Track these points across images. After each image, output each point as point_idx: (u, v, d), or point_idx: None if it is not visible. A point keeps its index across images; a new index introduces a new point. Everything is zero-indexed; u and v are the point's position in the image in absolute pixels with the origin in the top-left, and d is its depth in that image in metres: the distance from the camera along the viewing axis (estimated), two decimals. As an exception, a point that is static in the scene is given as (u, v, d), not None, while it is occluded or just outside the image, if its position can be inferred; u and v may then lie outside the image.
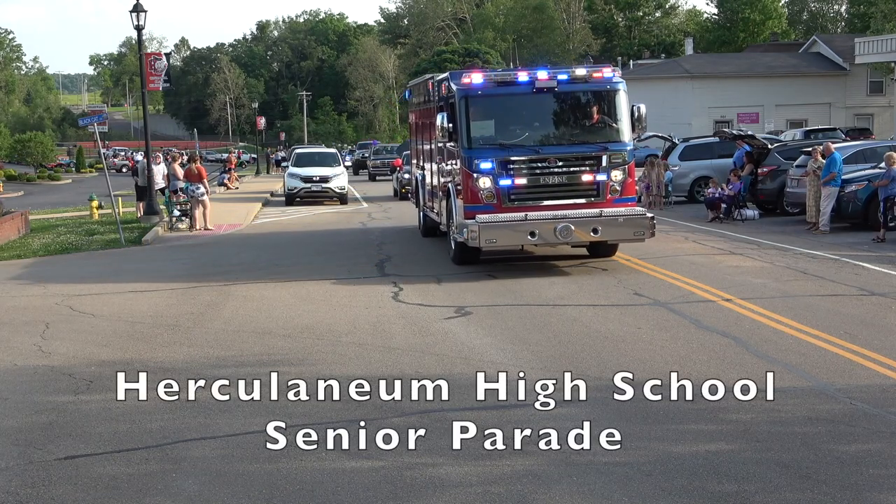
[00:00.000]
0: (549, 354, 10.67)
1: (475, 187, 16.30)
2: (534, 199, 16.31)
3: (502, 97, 16.61)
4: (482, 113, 16.66)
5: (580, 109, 16.98)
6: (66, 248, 23.92)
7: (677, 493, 6.57)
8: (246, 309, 14.29)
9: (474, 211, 16.32)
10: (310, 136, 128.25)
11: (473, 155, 16.33)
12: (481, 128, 16.63)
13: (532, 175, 16.32)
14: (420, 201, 23.00)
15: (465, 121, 16.45)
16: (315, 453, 7.63)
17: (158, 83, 31.82)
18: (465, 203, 16.53)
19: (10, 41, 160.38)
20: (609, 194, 16.43)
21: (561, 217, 16.10)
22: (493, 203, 16.27)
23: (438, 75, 19.64)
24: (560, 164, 16.31)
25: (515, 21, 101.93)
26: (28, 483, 7.16)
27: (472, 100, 16.55)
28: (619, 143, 16.69)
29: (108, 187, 27.85)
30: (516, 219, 16.08)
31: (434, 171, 20.00)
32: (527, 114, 16.73)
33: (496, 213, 16.14)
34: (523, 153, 16.36)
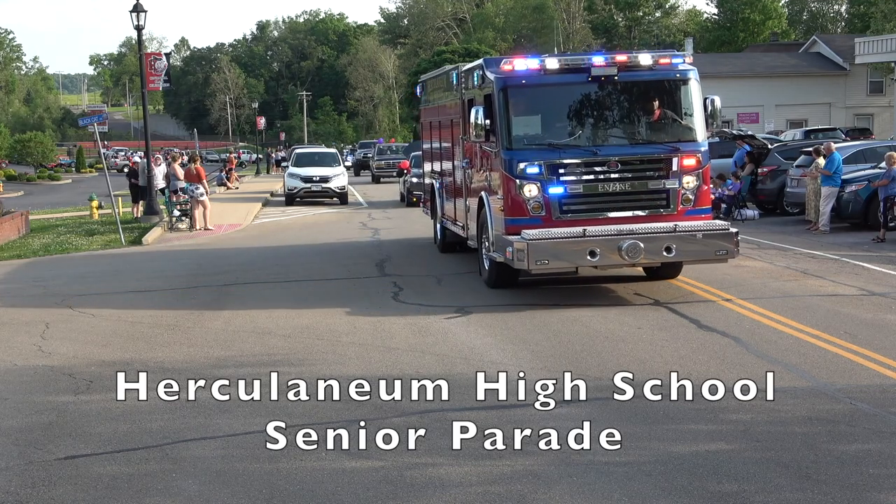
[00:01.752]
0: (549, 354, 10.67)
1: (519, 196, 13.51)
2: (591, 210, 13.59)
3: (551, 87, 13.86)
4: (527, 106, 14.00)
5: (644, 102, 14.13)
6: (66, 248, 23.92)
7: (677, 493, 6.57)
8: (246, 309, 14.29)
9: (518, 225, 13.51)
10: (310, 136, 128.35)
11: (516, 157, 13.56)
12: (525, 124, 14.01)
13: (589, 182, 13.56)
14: (437, 212, 19.82)
15: (506, 116, 13.70)
16: (315, 453, 7.63)
17: (158, 83, 31.84)
18: (505, 215, 13.71)
19: (10, 41, 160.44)
20: (681, 204, 13.77)
21: (627, 233, 13.27)
22: (541, 215, 13.49)
23: (465, 64, 16.70)
24: (622, 168, 13.58)
25: (515, 21, 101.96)
26: (28, 483, 7.16)
27: (514, 91, 13.79)
28: (691, 143, 13.95)
29: (108, 187, 27.86)
30: (573, 235, 13.22)
31: (458, 176, 17.19)
32: (580, 108, 13.95)
33: (546, 228, 13.35)
34: (577, 155, 13.57)
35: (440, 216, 19.52)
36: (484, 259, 15.14)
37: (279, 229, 27.54)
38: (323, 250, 21.57)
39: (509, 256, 13.36)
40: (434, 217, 20.49)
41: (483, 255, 15.20)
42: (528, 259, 13.08)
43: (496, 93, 13.83)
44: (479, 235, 15.41)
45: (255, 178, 67.87)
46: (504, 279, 14.62)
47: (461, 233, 17.28)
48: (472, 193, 15.94)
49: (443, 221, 19.30)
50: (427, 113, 21.07)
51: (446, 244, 19.59)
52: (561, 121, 13.95)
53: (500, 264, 14.18)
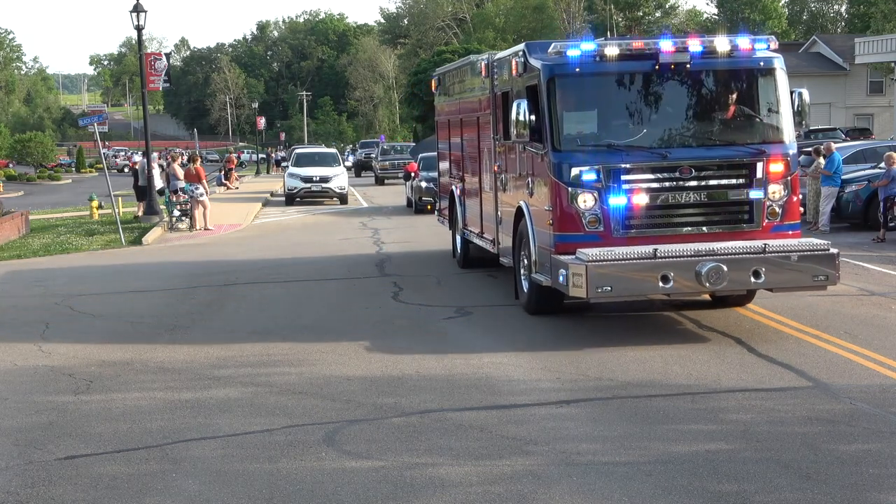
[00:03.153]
0: (549, 354, 10.67)
1: (571, 207, 11.33)
2: (659, 225, 11.42)
3: (610, 77, 11.73)
4: (581, 100, 11.93)
5: (722, 95, 12.06)
6: (66, 248, 23.92)
7: (677, 493, 6.57)
8: (246, 309, 14.29)
9: (570, 243, 11.31)
10: (310, 136, 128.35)
11: (569, 160, 11.36)
12: (579, 121, 11.92)
13: (657, 191, 11.37)
14: (458, 221, 17.36)
15: (556, 111, 11.52)
16: (315, 453, 7.64)
17: (158, 83, 31.84)
18: (553, 230, 11.49)
19: (10, 41, 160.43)
20: (766, 218, 11.53)
21: (705, 253, 10.87)
22: (598, 231, 11.29)
23: (497, 52, 14.67)
24: (697, 174, 11.38)
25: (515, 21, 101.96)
26: (28, 483, 7.16)
27: (565, 81, 11.66)
28: (778, 145, 11.72)
29: (108, 187, 27.86)
30: (642, 256, 10.81)
31: (485, 181, 15.04)
32: (645, 101, 11.78)
33: (606, 247, 11.03)
34: (643, 158, 11.36)
35: (461, 227, 17.08)
36: (522, 280, 12.96)
37: (279, 229, 27.54)
38: (324, 250, 21.55)
39: (562, 281, 11.02)
40: (453, 227, 18.12)
41: (521, 275, 13.00)
42: (588, 285, 10.68)
43: (543, 83, 11.65)
44: (515, 252, 13.17)
45: (255, 178, 67.87)
46: (547, 305, 12.52)
47: (489, 248, 15.04)
48: (506, 202, 13.80)
49: (464, 233, 16.91)
50: (445, 109, 18.63)
51: (468, 259, 17.26)
52: (622, 117, 11.82)
53: (544, 289, 11.94)
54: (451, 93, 17.94)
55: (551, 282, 11.48)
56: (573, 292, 10.93)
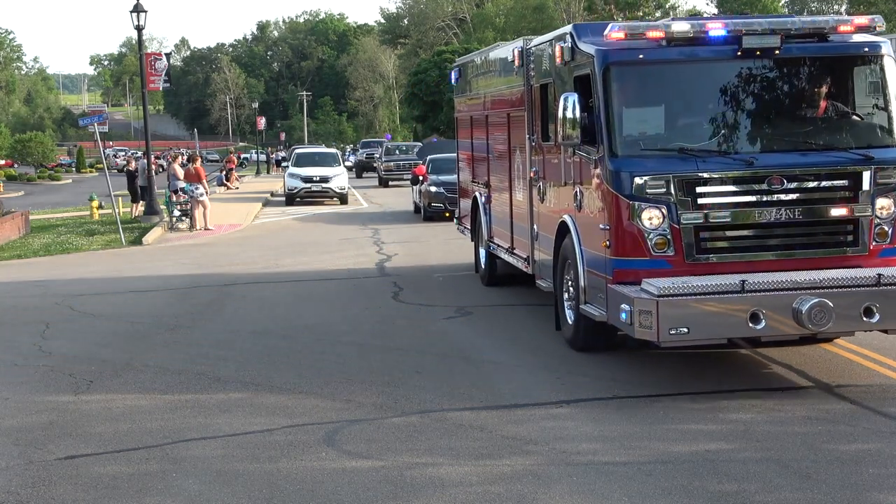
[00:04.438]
0: (549, 354, 10.67)
1: (634, 226, 9.16)
2: (744, 249, 9.29)
3: (681, 66, 9.68)
4: (645, 93, 9.82)
5: (818, 88, 9.79)
6: (66, 248, 23.93)
7: (677, 493, 6.57)
8: (246, 309, 14.29)
9: (632, 269, 9.21)
10: (310, 136, 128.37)
11: (630, 168, 9.23)
12: (643, 119, 9.83)
13: (741, 206, 9.20)
14: (482, 233, 15.26)
15: (614, 107, 9.43)
16: (315, 453, 7.64)
17: (158, 83, 31.88)
18: (611, 253, 9.37)
19: (10, 41, 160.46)
20: (874, 240, 9.41)
21: (806, 285, 8.73)
22: (668, 255, 9.12)
23: (533, 38, 12.41)
24: (790, 185, 9.21)
25: (515, 21, 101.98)
26: (28, 483, 7.16)
27: (625, 70, 9.57)
28: (887, 149, 9.60)
29: (109, 187, 27.87)
30: (726, 289, 8.70)
31: (518, 189, 13.02)
32: (724, 95, 9.63)
33: (679, 276, 9.00)
34: (723, 166, 9.25)
35: (485, 239, 14.97)
36: (566, 310, 10.96)
37: (280, 229, 27.53)
38: (325, 250, 21.53)
39: (625, 319, 8.85)
40: (476, 239, 15.98)
41: (564, 304, 11.00)
42: (659, 326, 8.51)
43: (597, 73, 9.52)
44: (557, 276, 11.13)
45: (255, 178, 67.87)
46: (598, 341, 10.49)
47: (521, 266, 12.97)
48: (544, 215, 11.73)
49: (490, 246, 14.79)
50: (467, 105, 16.42)
51: (494, 276, 15.26)
52: (695, 114, 9.77)
53: (596, 325, 9.92)
54: (475, 86, 15.77)
55: (608, 317, 9.41)
56: (640, 334, 8.69)
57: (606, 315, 9.45)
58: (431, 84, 76.82)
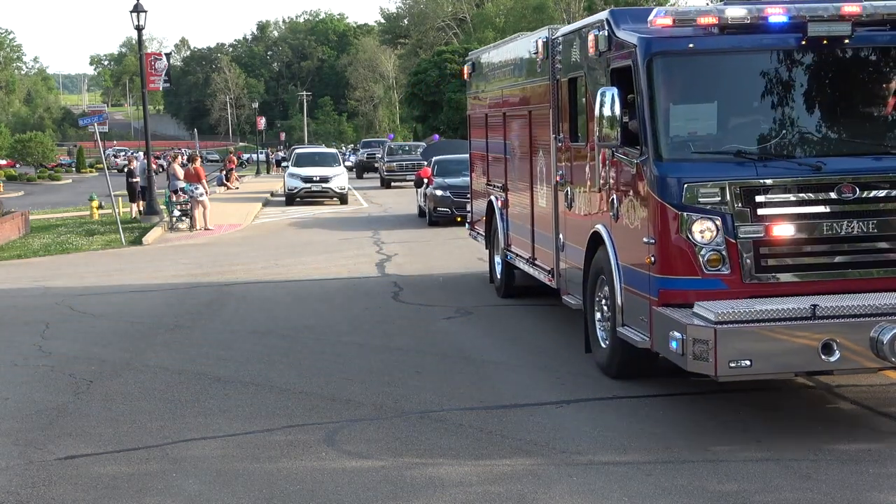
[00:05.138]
0: (549, 354, 10.67)
1: (684, 240, 8.07)
2: (811, 268, 8.13)
3: (738, 56, 8.58)
4: (696, 88, 8.72)
5: (893, 83, 8.63)
6: (66, 248, 23.94)
7: (677, 493, 6.57)
8: (246, 309, 14.29)
9: (681, 290, 8.11)
10: (310, 136, 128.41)
11: (679, 173, 8.15)
12: (693, 118, 8.75)
13: (807, 217, 8.08)
14: (498, 240, 14.30)
15: (660, 103, 8.36)
16: (315, 453, 7.64)
17: (158, 83, 31.89)
18: (655, 270, 8.27)
19: (10, 41, 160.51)
20: None
21: (886, 310, 7.62)
22: (723, 275, 8.02)
23: (559, 27, 11.45)
24: (864, 194, 8.10)
25: (515, 21, 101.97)
26: (28, 483, 7.16)
27: (674, 61, 8.49)
28: None
29: (109, 187, 27.88)
30: (794, 314, 7.57)
31: (540, 194, 11.92)
32: (787, 90, 8.53)
33: (736, 298, 7.91)
34: (787, 171, 8.17)
35: (502, 246, 13.93)
36: (598, 331, 9.81)
37: (279, 229, 27.53)
38: (324, 250, 21.53)
39: (675, 348, 7.69)
40: (491, 247, 14.94)
41: (596, 324, 9.84)
42: (717, 358, 7.37)
43: (641, 65, 8.43)
44: (587, 292, 10.02)
45: (255, 178, 67.88)
46: (636, 368, 9.33)
47: (544, 279, 11.93)
48: (573, 224, 10.65)
49: (507, 255, 13.74)
50: (482, 101, 15.33)
51: (511, 287, 14.13)
52: (752, 112, 8.64)
53: (632, 347, 8.77)
54: (491, 81, 14.59)
55: (652, 344, 8.29)
56: (693, 366, 7.57)
57: (650, 341, 8.31)
58: (431, 84, 76.80)
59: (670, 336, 7.76)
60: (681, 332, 7.61)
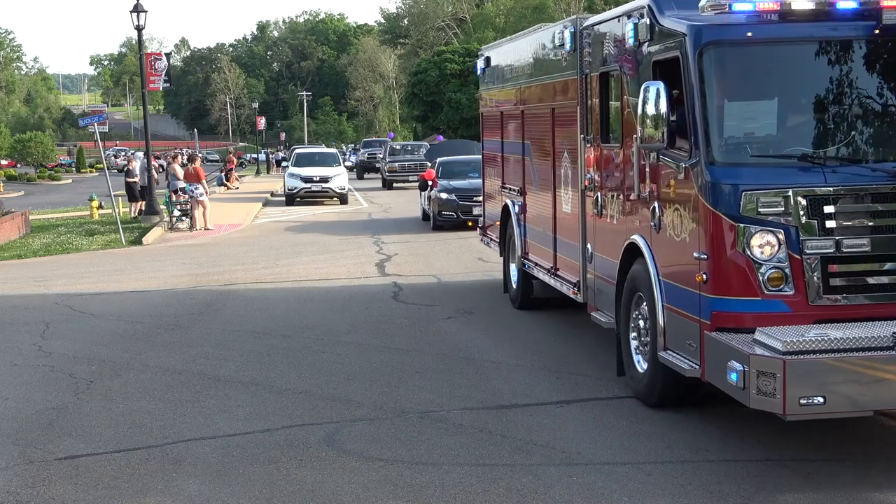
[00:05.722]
0: (549, 354, 10.67)
1: (741, 255, 7.20)
2: (888, 288, 7.26)
3: (800, 47, 7.67)
4: (754, 83, 7.81)
5: None
6: (66, 248, 23.94)
7: (677, 493, 6.57)
8: (246, 309, 14.29)
9: (738, 313, 7.24)
10: (310, 136, 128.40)
11: (735, 179, 7.29)
12: (750, 116, 7.90)
13: (887, 231, 7.23)
14: (515, 247, 13.26)
15: (712, 100, 7.49)
16: (315, 453, 7.64)
17: (158, 83, 31.89)
18: (708, 290, 7.35)
19: (10, 41, 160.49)
20: None
21: None
22: (786, 296, 7.16)
23: (589, 16, 10.48)
24: None
25: (515, 21, 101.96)
26: (28, 483, 7.16)
27: (728, 53, 7.64)
28: None
29: (109, 187, 27.89)
30: (875, 343, 6.69)
31: (564, 199, 11.02)
32: (856, 86, 7.61)
33: (803, 323, 7.07)
34: (860, 178, 7.31)
35: (519, 255, 13.00)
36: (634, 355, 8.86)
37: (280, 229, 27.53)
38: (325, 250, 21.53)
39: (734, 381, 6.82)
40: (505, 254, 14.02)
41: (631, 345, 8.88)
42: (786, 394, 6.50)
43: (690, 56, 7.56)
44: (620, 310, 9.06)
45: (255, 178, 67.88)
46: (678, 396, 8.40)
47: (567, 292, 10.98)
48: (603, 233, 9.74)
49: (524, 264, 12.78)
50: (496, 98, 14.42)
51: (528, 298, 13.16)
52: (819, 110, 7.65)
53: (673, 373, 7.92)
54: (508, 76, 13.60)
55: (703, 374, 7.39)
56: (757, 403, 6.69)
57: (700, 370, 7.43)
58: (431, 84, 76.77)
59: (728, 367, 6.88)
60: (742, 362, 6.73)
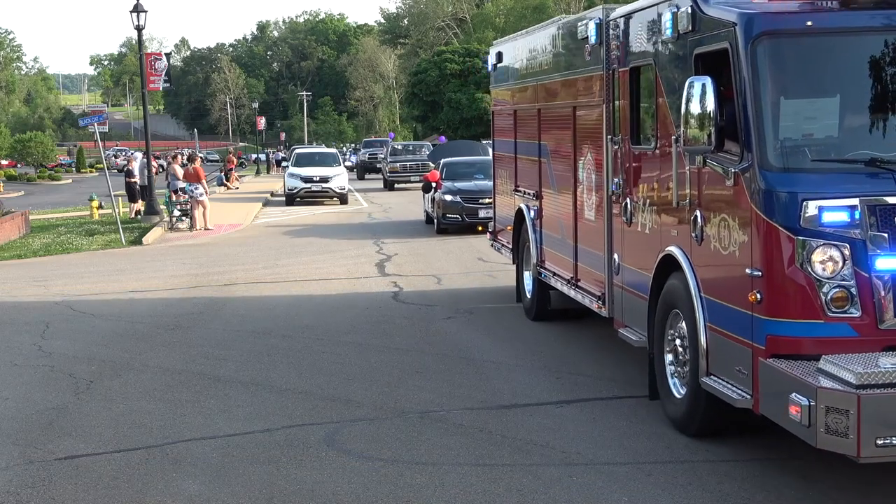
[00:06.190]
0: (549, 354, 10.67)
1: (801, 272, 6.41)
2: None
3: (867, 38, 6.87)
4: (813, 78, 6.97)
5: None
6: (66, 248, 23.94)
7: (677, 493, 6.57)
8: (246, 309, 14.29)
9: (796, 336, 6.44)
10: (310, 136, 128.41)
11: (794, 186, 6.49)
12: (810, 116, 7.04)
13: None
14: (530, 255, 12.43)
15: (767, 97, 6.70)
16: (315, 453, 7.64)
17: (158, 83, 31.88)
18: (763, 311, 6.55)
19: (10, 41, 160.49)
20: None
21: None
22: (852, 318, 6.37)
23: (615, 6, 9.61)
24: None
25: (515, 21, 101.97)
26: (28, 483, 7.16)
27: (785, 44, 6.83)
28: None
29: (109, 187, 27.89)
30: None
31: (588, 205, 10.21)
32: None
33: (873, 350, 6.27)
34: None
35: (534, 263, 12.19)
36: (669, 377, 8.10)
37: (280, 229, 27.52)
38: (325, 249, 21.53)
39: (797, 419, 6.00)
40: (519, 261, 13.22)
41: (667, 368, 8.13)
42: (861, 433, 5.71)
43: (741, 48, 6.77)
44: (653, 328, 8.33)
45: (255, 178, 67.89)
46: (721, 426, 7.61)
47: (590, 305, 10.20)
48: (634, 243, 8.92)
49: (541, 273, 11.99)
50: (510, 96, 13.59)
51: (545, 310, 12.36)
52: (886, 109, 6.85)
53: (717, 400, 7.16)
54: (522, 72, 12.81)
55: (756, 405, 6.62)
56: (826, 443, 5.89)
57: (752, 400, 6.63)
58: (431, 84, 76.78)
59: (790, 400, 6.06)
60: (807, 396, 5.92)
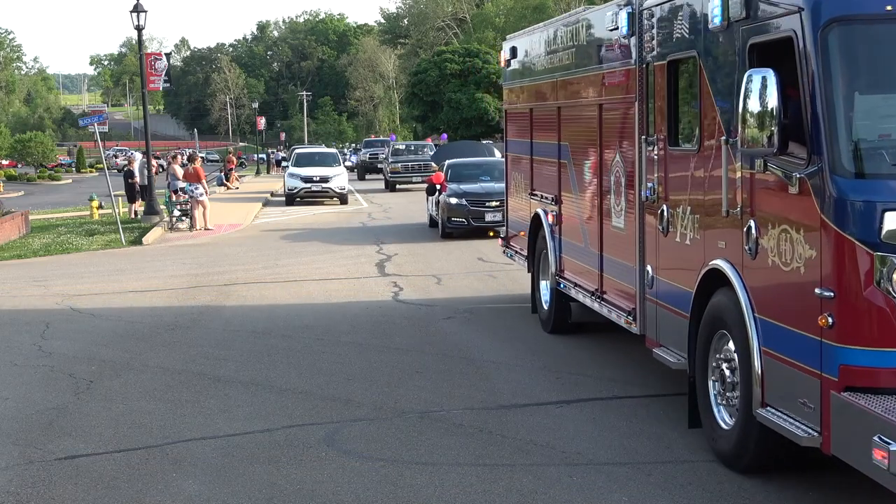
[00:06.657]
0: (549, 354, 10.67)
1: (879, 294, 5.60)
2: None
3: None
4: (890, 72, 6.10)
5: None
6: (66, 248, 23.94)
7: (677, 493, 6.57)
8: (246, 309, 14.29)
9: (874, 367, 5.65)
10: (310, 136, 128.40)
11: (872, 194, 5.64)
12: (888, 114, 6.11)
13: None
14: (546, 264, 11.81)
15: (838, 93, 5.81)
16: (315, 453, 7.64)
17: (158, 83, 31.89)
18: (835, 337, 5.70)
19: (10, 41, 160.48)
20: None
21: None
22: None
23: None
24: None
25: (515, 21, 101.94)
26: (28, 483, 7.16)
27: (859, 32, 5.94)
28: None
29: (109, 187, 27.89)
30: None
31: (616, 211, 9.36)
32: None
33: None
34: None
35: (552, 272, 11.43)
36: (714, 407, 7.26)
37: (280, 229, 27.52)
38: (325, 249, 21.53)
39: (884, 465, 5.32)
40: (534, 269, 12.39)
41: (711, 394, 7.29)
42: None
43: (809, 36, 5.95)
44: (695, 349, 7.48)
45: (255, 178, 67.89)
46: (776, 462, 6.82)
47: (618, 320, 9.44)
48: (671, 255, 8.10)
49: (560, 283, 11.22)
50: (526, 94, 12.76)
51: (563, 322, 11.55)
52: None
53: (772, 435, 6.46)
54: (540, 68, 11.99)
55: (827, 445, 5.85)
56: None
57: (821, 439, 5.86)
58: (431, 84, 76.72)
59: (875, 443, 5.32)
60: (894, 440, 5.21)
